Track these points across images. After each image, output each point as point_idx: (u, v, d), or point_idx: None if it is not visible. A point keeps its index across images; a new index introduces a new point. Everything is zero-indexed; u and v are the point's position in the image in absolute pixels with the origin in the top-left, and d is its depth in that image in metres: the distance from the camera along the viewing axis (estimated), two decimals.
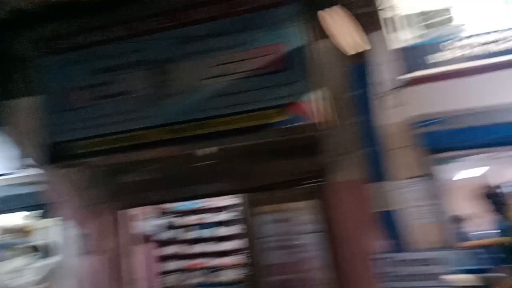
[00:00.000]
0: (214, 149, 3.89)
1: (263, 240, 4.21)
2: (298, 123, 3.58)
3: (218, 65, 3.83)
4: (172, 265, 6.13)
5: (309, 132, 3.64)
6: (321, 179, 3.87)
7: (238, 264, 5.73)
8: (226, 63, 3.81)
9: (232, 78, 3.79)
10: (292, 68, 3.68)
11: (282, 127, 3.60)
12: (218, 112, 3.73)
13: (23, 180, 4.71)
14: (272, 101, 3.66)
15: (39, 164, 4.33)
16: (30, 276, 5.22)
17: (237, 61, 3.79)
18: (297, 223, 4.32)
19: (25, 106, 4.41)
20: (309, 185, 3.98)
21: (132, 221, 4.63)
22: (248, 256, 4.42)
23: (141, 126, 3.89)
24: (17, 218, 6.73)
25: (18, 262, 6.18)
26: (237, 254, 5.72)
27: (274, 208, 4.18)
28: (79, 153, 4.05)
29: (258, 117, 3.64)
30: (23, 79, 4.44)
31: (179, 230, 5.76)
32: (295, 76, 3.66)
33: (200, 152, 3.96)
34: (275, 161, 3.87)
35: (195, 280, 6.19)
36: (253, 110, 3.67)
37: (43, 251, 5.63)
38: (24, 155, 4.41)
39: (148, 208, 5.13)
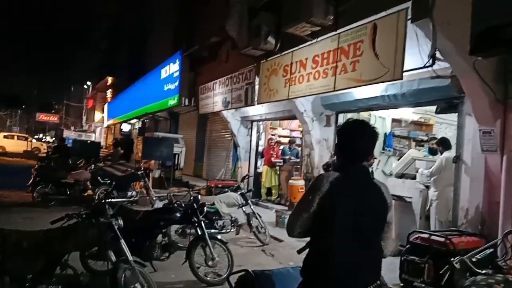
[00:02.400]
0: None
1: None
2: None
3: None
4: None
5: None
6: None
7: None
8: None
9: None
10: None
11: None
12: None
13: (432, 74, 4.88)
14: None
15: (455, 56, 4.34)
16: (429, 167, 5.67)
17: None
18: None
19: None
20: None
21: None
22: None
23: None
24: (415, 112, 7.43)
25: (414, 152, 6.87)
26: None
27: None
28: (510, 37, 3.67)
29: None
30: None
31: None
32: None
33: None
34: None
35: None
36: None
37: (436, 145, 5.95)
38: (439, 48, 4.48)
39: None
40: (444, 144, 5.70)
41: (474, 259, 3.24)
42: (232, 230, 6.07)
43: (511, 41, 3.70)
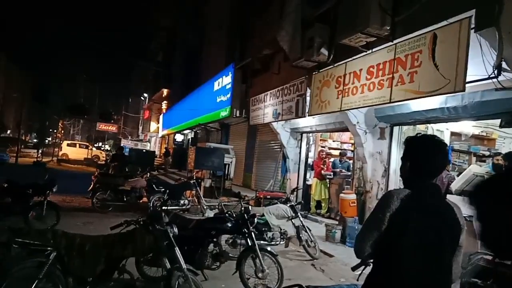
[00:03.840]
0: None
1: None
2: None
3: None
4: None
5: None
6: None
7: None
8: None
9: None
10: None
11: None
12: None
13: (496, 86, 4.61)
14: None
15: None
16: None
17: None
18: None
19: None
20: None
21: None
22: None
23: None
24: (471, 125, 7.01)
25: (476, 168, 6.45)
26: None
27: None
28: None
29: None
30: None
31: None
32: None
33: None
34: None
35: None
36: None
37: (503, 160, 5.56)
38: (504, 57, 4.23)
39: None
40: (511, 159, 5.31)
41: None
42: (281, 242, 6.01)
43: None
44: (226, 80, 14.13)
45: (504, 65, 4.29)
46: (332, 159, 10.19)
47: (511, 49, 4.15)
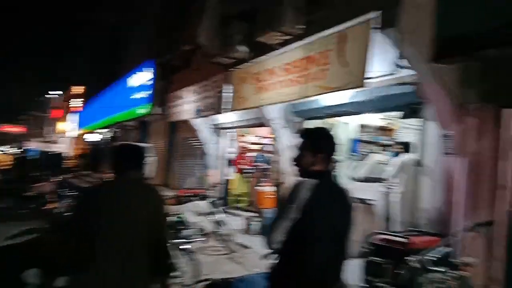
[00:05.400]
0: None
1: None
2: None
3: None
4: None
5: None
6: None
7: None
8: None
9: None
10: None
11: None
12: None
13: (398, 81, 5.03)
14: None
15: (418, 63, 4.49)
16: (392, 170, 5.85)
17: None
18: None
19: (417, 3, 4.46)
20: None
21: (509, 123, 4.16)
22: None
23: None
24: (380, 118, 7.58)
25: (379, 157, 7.04)
26: None
27: None
28: (470, 46, 3.86)
29: None
30: None
31: None
32: None
33: None
34: None
35: None
36: None
37: (402, 149, 6.10)
38: (404, 56, 4.62)
39: None
40: (406, 147, 5.91)
41: (431, 258, 3.30)
42: (200, 239, 5.95)
43: (470, 49, 3.87)
44: (145, 76, 13.60)
45: (405, 62, 4.69)
46: (253, 154, 10.34)
47: (409, 48, 4.56)
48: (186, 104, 10.71)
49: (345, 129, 7.48)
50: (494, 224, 4.03)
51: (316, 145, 2.08)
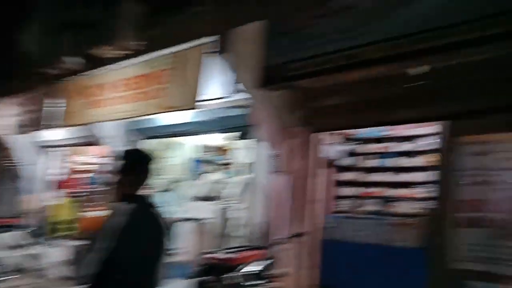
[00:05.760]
0: (425, 68, 3.53)
1: (459, 174, 3.85)
2: None
3: None
4: (347, 191, 6.27)
5: None
6: None
7: (418, 197, 5.49)
8: None
9: None
10: None
11: None
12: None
13: (233, 104, 5.33)
14: None
15: (251, 87, 4.81)
16: (229, 189, 6.14)
17: None
18: (501, 158, 3.77)
19: (248, 32, 4.76)
20: None
21: (320, 145, 4.84)
22: (437, 189, 4.15)
23: (360, 43, 3.70)
24: (217, 138, 7.85)
25: (217, 176, 7.29)
26: (418, 187, 5.46)
27: (476, 139, 3.71)
28: (292, 75, 4.31)
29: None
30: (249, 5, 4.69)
31: (359, 157, 5.78)
32: None
33: (413, 71, 3.62)
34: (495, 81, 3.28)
35: (368, 208, 6.24)
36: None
37: (238, 168, 6.46)
38: (238, 80, 4.90)
39: (335, 134, 5.25)
40: (245, 166, 6.29)
41: (251, 272, 3.52)
42: (13, 276, 5.09)
43: (292, 76, 4.39)
44: None
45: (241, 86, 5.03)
46: (86, 175, 9.43)
47: (243, 73, 4.88)
48: (4, 118, 9.17)
49: (183, 149, 7.54)
50: (306, 234, 4.59)
51: (132, 168, 2.06)
